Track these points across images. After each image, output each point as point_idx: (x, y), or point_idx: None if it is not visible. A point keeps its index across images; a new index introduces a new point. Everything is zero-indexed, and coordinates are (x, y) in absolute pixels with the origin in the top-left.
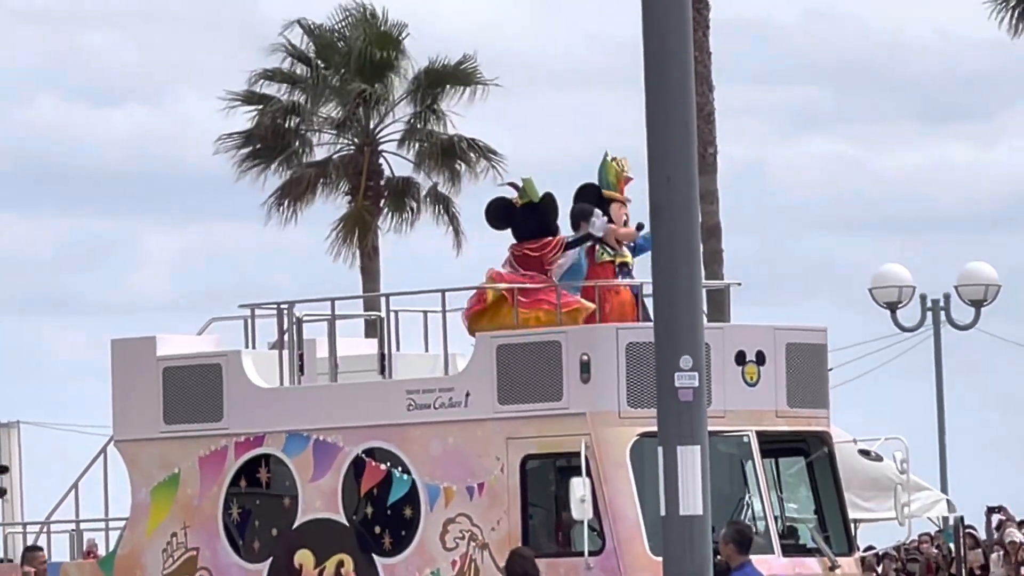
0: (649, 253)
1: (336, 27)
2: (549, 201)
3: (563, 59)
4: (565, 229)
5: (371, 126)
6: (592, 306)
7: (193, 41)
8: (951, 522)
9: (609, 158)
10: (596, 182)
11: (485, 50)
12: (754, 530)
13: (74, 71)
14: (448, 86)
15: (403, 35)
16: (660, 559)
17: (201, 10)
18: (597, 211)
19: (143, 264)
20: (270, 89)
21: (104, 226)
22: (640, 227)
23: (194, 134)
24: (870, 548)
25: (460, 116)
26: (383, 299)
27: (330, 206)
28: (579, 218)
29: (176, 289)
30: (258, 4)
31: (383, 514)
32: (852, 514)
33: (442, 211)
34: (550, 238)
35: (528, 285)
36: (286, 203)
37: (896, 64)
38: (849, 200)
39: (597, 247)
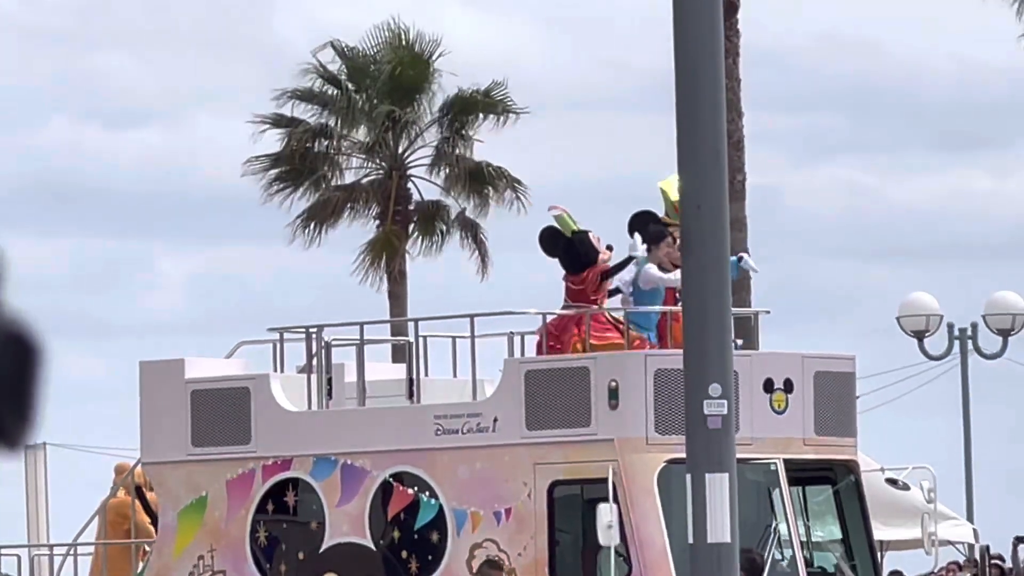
0: None
1: (367, 49)
2: (580, 240)
3: (588, 86)
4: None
5: (400, 151)
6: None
7: (209, 62)
8: (976, 551)
9: (668, 183)
10: (643, 209)
11: (510, 77)
12: (779, 558)
13: (89, 92)
14: (478, 113)
15: (435, 56)
16: None
17: (217, 31)
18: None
19: (161, 286)
20: (298, 111)
21: (121, 247)
22: None
23: (211, 155)
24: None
25: (482, 143)
26: (412, 324)
27: (356, 230)
28: (652, 241)
29: (196, 311)
30: (275, 25)
31: (410, 539)
32: (878, 536)
33: (469, 237)
34: (587, 271)
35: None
36: (312, 226)
37: (914, 91)
38: (867, 228)
39: None
